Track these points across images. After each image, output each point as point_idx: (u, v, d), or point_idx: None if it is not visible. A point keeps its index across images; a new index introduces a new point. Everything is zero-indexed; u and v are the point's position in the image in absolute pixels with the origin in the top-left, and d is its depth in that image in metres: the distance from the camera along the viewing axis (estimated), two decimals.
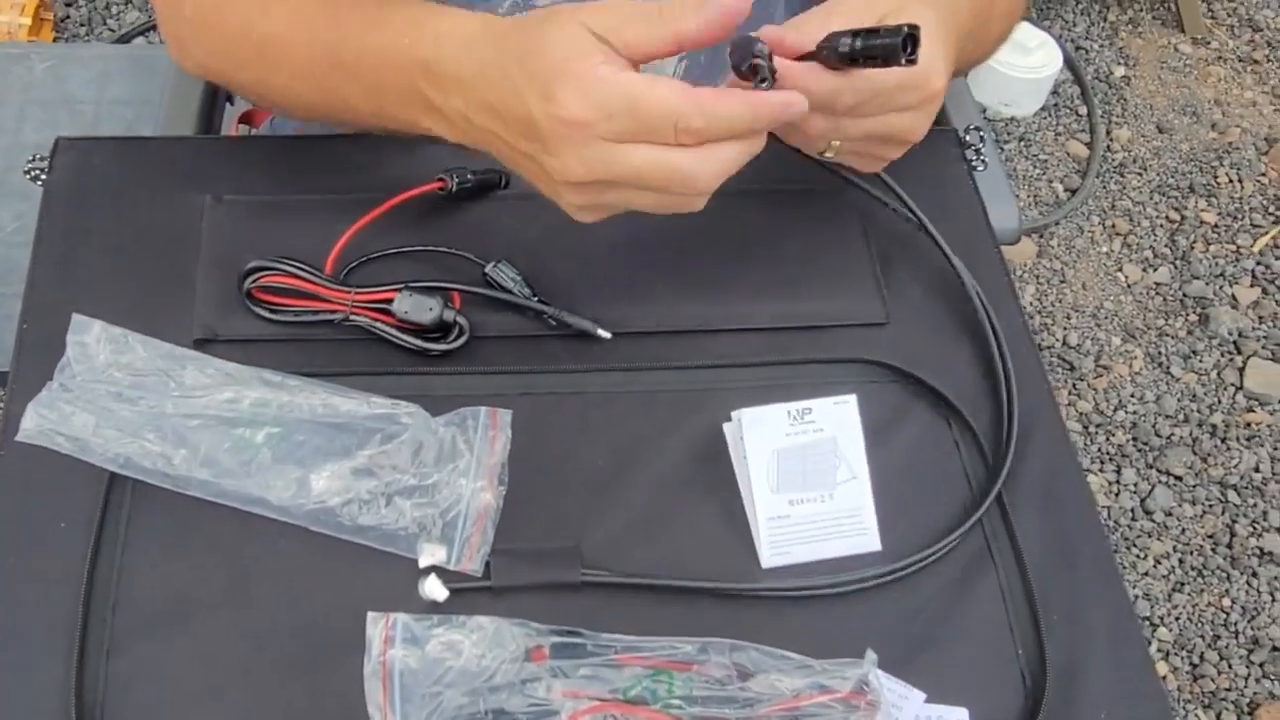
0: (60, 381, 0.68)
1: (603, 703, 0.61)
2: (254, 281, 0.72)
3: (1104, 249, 1.96)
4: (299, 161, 0.82)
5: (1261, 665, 1.53)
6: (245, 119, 1.07)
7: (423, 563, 0.65)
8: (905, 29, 0.59)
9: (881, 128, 0.67)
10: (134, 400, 0.67)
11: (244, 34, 0.74)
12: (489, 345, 0.74)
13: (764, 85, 0.61)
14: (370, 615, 0.62)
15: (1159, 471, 1.70)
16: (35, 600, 0.63)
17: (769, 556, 0.67)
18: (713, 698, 0.62)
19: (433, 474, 0.66)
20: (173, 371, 0.68)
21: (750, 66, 0.61)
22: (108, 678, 0.61)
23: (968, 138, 0.89)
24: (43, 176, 0.79)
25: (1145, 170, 2.06)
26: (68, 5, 2.03)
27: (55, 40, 1.96)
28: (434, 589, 0.65)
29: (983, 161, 0.89)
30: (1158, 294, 1.91)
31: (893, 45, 0.59)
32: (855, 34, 0.60)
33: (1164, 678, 1.52)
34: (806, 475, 0.68)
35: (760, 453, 0.68)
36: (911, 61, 0.59)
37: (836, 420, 0.69)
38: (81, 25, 2.00)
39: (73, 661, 0.60)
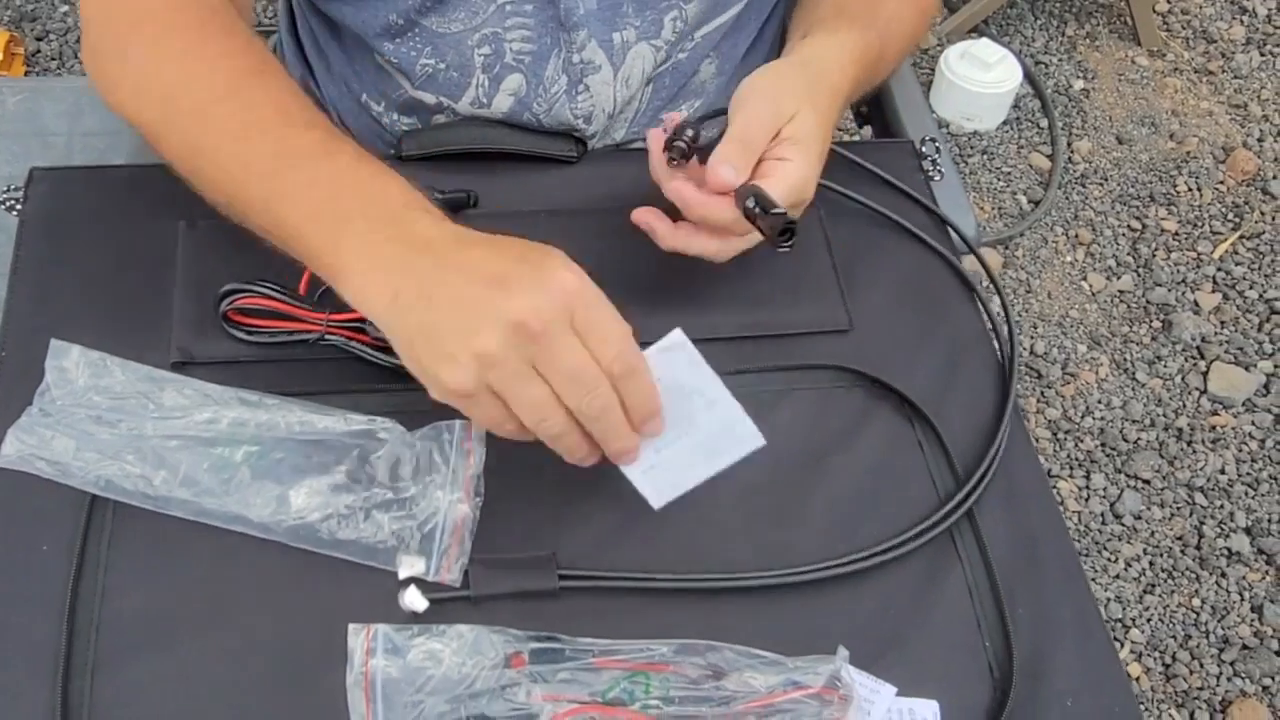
0: (40, 406, 0.69)
1: (582, 705, 0.62)
2: (230, 304, 0.73)
3: (1068, 259, 2.00)
4: None
5: (1232, 664, 1.55)
6: None
7: (402, 574, 0.67)
8: (784, 223, 0.67)
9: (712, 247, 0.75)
10: (113, 423, 0.68)
11: (176, 146, 0.71)
12: None
13: None
14: (351, 627, 0.64)
15: (1127, 476, 1.73)
16: (19, 623, 0.63)
17: (655, 497, 0.65)
18: (689, 697, 0.63)
19: (410, 487, 0.67)
20: (151, 394, 0.69)
21: None
22: (92, 697, 0.62)
23: (924, 149, 0.92)
24: (18, 207, 0.81)
25: (1106, 180, 2.10)
26: (38, 40, 2.04)
27: (26, 74, 1.97)
28: (413, 600, 0.66)
29: (939, 172, 0.91)
30: (1122, 301, 1.94)
31: (774, 225, 0.67)
32: (758, 200, 0.69)
33: (1137, 679, 1.54)
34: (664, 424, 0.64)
35: None
36: (784, 248, 0.68)
37: (670, 364, 0.64)
38: (52, 59, 2.01)
39: (58, 682, 0.61)
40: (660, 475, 0.66)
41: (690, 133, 0.73)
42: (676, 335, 0.64)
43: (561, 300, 0.57)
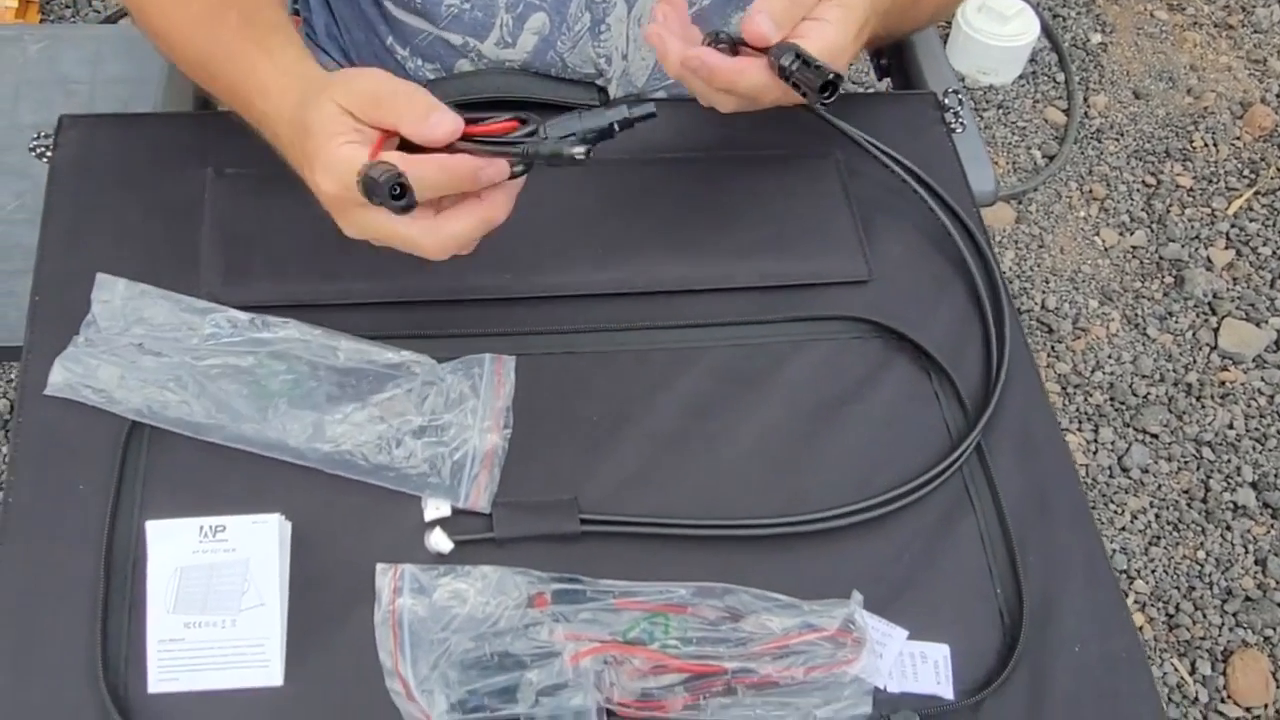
0: (86, 337, 0.71)
1: (603, 644, 0.64)
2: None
3: (1081, 214, 2.00)
4: None
5: (1235, 615, 1.57)
6: None
7: (428, 516, 0.68)
8: (831, 75, 0.66)
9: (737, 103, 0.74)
10: (156, 352, 0.70)
11: (146, 23, 0.80)
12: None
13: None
14: (379, 567, 0.66)
15: (1136, 430, 1.74)
16: (59, 561, 0.65)
17: (155, 681, 0.62)
18: (707, 638, 0.65)
19: (442, 417, 0.69)
20: (193, 324, 0.71)
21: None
22: (130, 634, 0.64)
23: (946, 100, 0.92)
24: (48, 154, 0.82)
25: (1122, 136, 2.09)
26: None
27: (42, 21, 1.96)
28: (439, 541, 0.68)
29: (961, 124, 0.91)
30: (1134, 257, 1.95)
31: (814, 83, 0.66)
32: (796, 55, 0.68)
33: (1140, 628, 1.56)
34: (209, 597, 0.64)
35: (163, 569, 0.64)
36: (825, 102, 0.67)
37: (253, 541, 0.65)
38: (67, 7, 2.01)
39: (98, 619, 0.63)
40: (173, 657, 0.63)
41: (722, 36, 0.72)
42: (275, 516, 0.66)
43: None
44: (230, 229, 0.78)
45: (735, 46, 0.72)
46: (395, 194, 0.59)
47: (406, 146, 0.63)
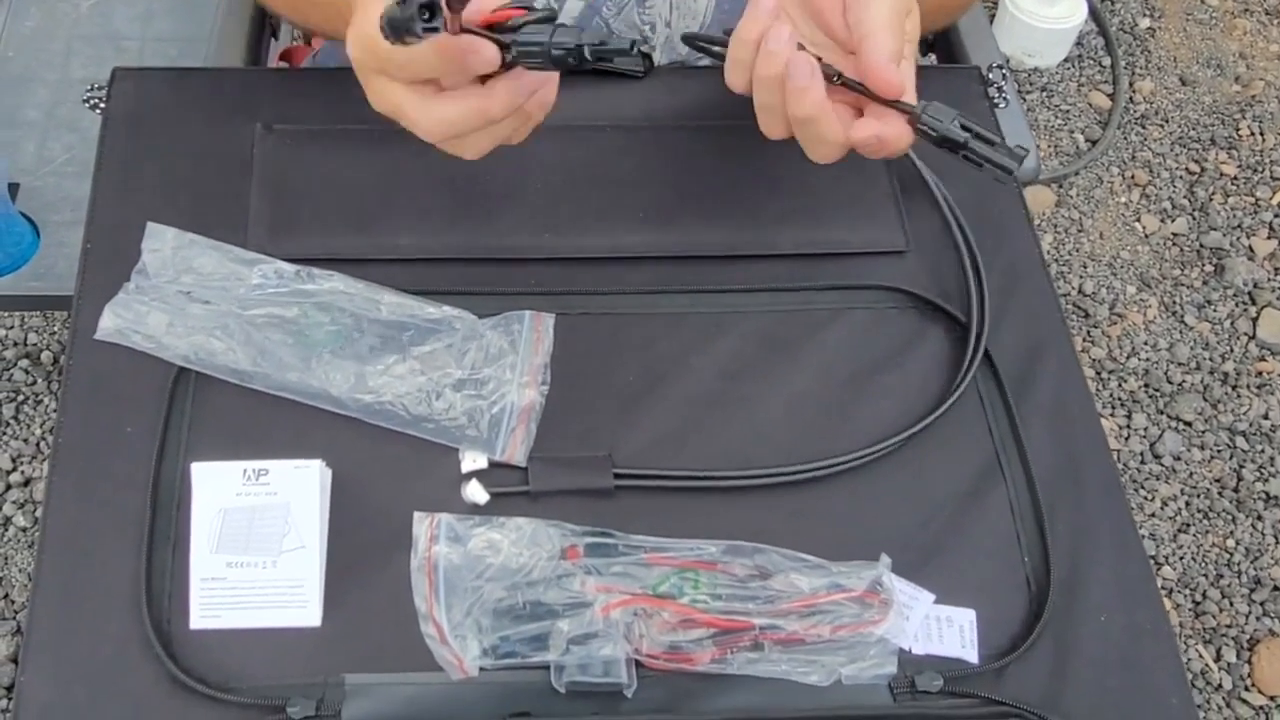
0: (136, 284, 0.73)
1: (634, 596, 0.65)
2: None
3: (1122, 199, 1.98)
4: (343, 93, 0.84)
5: (1262, 604, 1.57)
6: (285, 56, 1.10)
7: (465, 468, 0.70)
8: (1024, 152, 0.59)
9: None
10: (204, 301, 0.72)
11: None
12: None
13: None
14: (416, 515, 0.67)
15: (1169, 417, 1.73)
16: (106, 499, 0.67)
17: (197, 618, 0.64)
18: (736, 594, 0.66)
19: (481, 370, 0.70)
20: (240, 274, 0.73)
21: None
22: (173, 571, 0.65)
23: (990, 75, 0.92)
24: (101, 105, 0.83)
25: (1167, 122, 2.08)
26: None
27: None
28: (475, 493, 0.69)
29: (1004, 99, 0.91)
30: (1175, 244, 1.93)
31: (1003, 163, 0.60)
32: (965, 127, 0.60)
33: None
34: (250, 539, 0.65)
35: (207, 510, 0.66)
36: (1012, 178, 0.60)
37: (295, 485, 0.66)
38: None
39: (142, 556, 0.65)
40: (214, 594, 0.64)
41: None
42: (317, 462, 0.67)
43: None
44: (278, 183, 0.79)
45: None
46: (425, 18, 0.51)
47: None
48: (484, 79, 0.61)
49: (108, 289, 0.74)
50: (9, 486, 1.48)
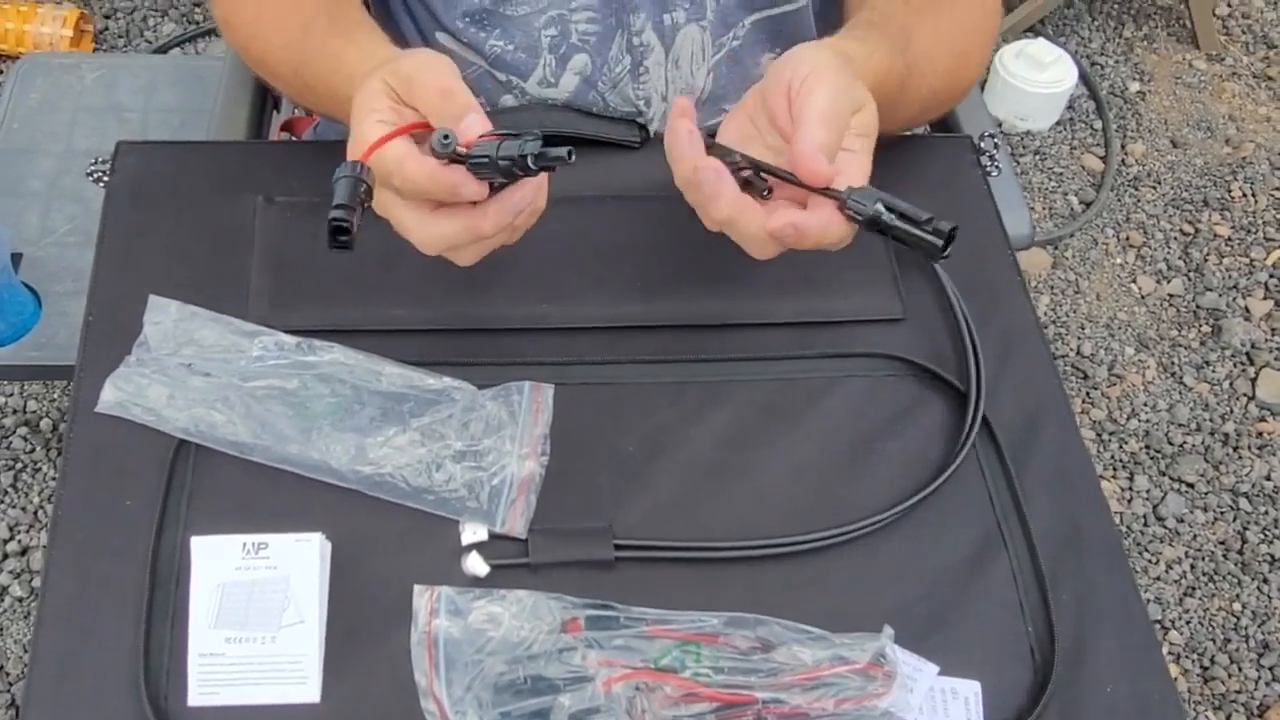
0: (137, 357, 0.73)
1: (636, 670, 0.65)
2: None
3: (1118, 261, 2.00)
4: None
5: (1271, 669, 1.55)
6: (287, 127, 1.12)
7: (465, 540, 0.70)
8: (949, 230, 0.59)
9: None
10: (205, 373, 0.72)
11: (245, 49, 0.87)
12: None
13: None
14: (416, 588, 0.67)
15: (1171, 479, 1.73)
16: (105, 573, 0.67)
17: (195, 694, 0.63)
18: (738, 668, 0.66)
19: (481, 442, 0.70)
20: (241, 346, 0.73)
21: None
22: (172, 647, 0.65)
23: (982, 144, 0.93)
24: (105, 179, 0.84)
25: (1159, 184, 2.10)
26: (106, 18, 2.09)
27: (95, 51, 2.02)
28: (475, 565, 0.69)
29: (996, 168, 0.92)
30: (1171, 305, 1.94)
31: (931, 245, 0.60)
32: (890, 208, 0.60)
33: (1175, 680, 1.55)
34: (250, 613, 0.65)
35: (206, 584, 0.66)
36: (945, 257, 0.60)
37: (295, 559, 0.66)
38: (120, 37, 2.06)
39: (141, 631, 0.65)
40: (212, 671, 0.64)
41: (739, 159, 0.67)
42: (317, 535, 0.67)
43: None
44: (279, 255, 0.80)
45: (740, 169, 0.66)
46: (337, 228, 0.60)
47: None
48: None
49: (109, 361, 0.74)
50: (6, 555, 1.48)
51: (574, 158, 0.61)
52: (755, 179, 0.67)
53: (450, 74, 0.67)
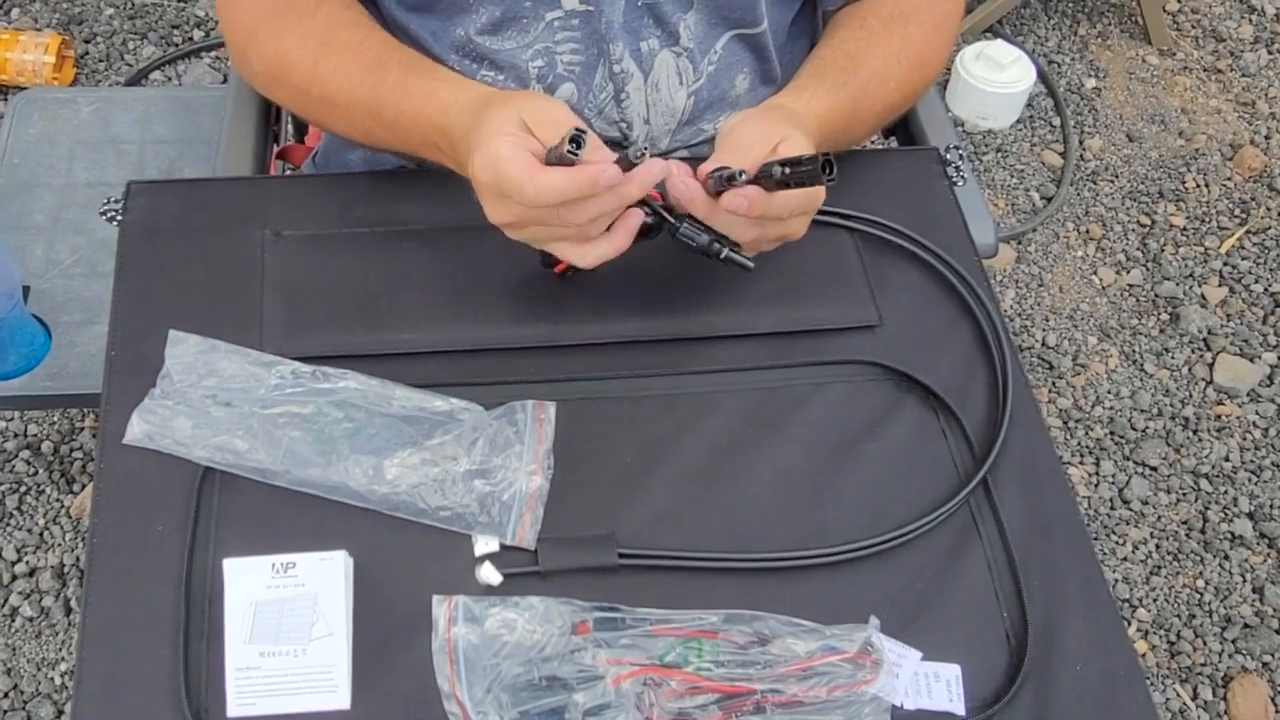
0: (161, 389, 0.77)
1: (642, 667, 0.70)
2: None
3: (1079, 253, 2.06)
4: (345, 199, 0.91)
5: (1234, 641, 1.62)
6: (282, 155, 1.16)
7: (478, 551, 0.74)
8: (822, 157, 0.72)
9: (784, 230, 0.81)
10: (226, 403, 0.76)
11: (305, 93, 0.89)
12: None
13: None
14: (435, 598, 0.71)
15: (1135, 463, 1.80)
16: (142, 596, 0.71)
17: (233, 706, 0.68)
18: (737, 660, 0.71)
19: (489, 460, 0.75)
20: (260, 376, 0.78)
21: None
22: (209, 663, 0.69)
23: (948, 156, 0.99)
24: (119, 217, 0.88)
25: (1117, 177, 2.16)
26: (86, 42, 2.11)
27: (76, 76, 2.04)
28: (489, 574, 0.73)
29: (962, 178, 0.98)
30: (1131, 295, 2.01)
31: (814, 171, 0.72)
32: (783, 164, 0.74)
33: (1143, 655, 1.61)
34: (281, 628, 0.69)
35: (239, 603, 0.70)
36: (831, 181, 0.72)
37: (321, 576, 0.71)
38: (100, 60, 2.09)
39: (180, 649, 0.69)
40: (249, 684, 0.68)
41: (723, 172, 0.78)
42: (340, 553, 0.72)
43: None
44: (289, 286, 0.84)
45: (723, 180, 0.78)
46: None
47: None
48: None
49: (133, 393, 0.78)
50: (15, 577, 1.51)
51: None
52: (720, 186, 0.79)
53: (576, 118, 0.76)
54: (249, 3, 0.91)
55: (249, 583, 0.70)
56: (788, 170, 0.74)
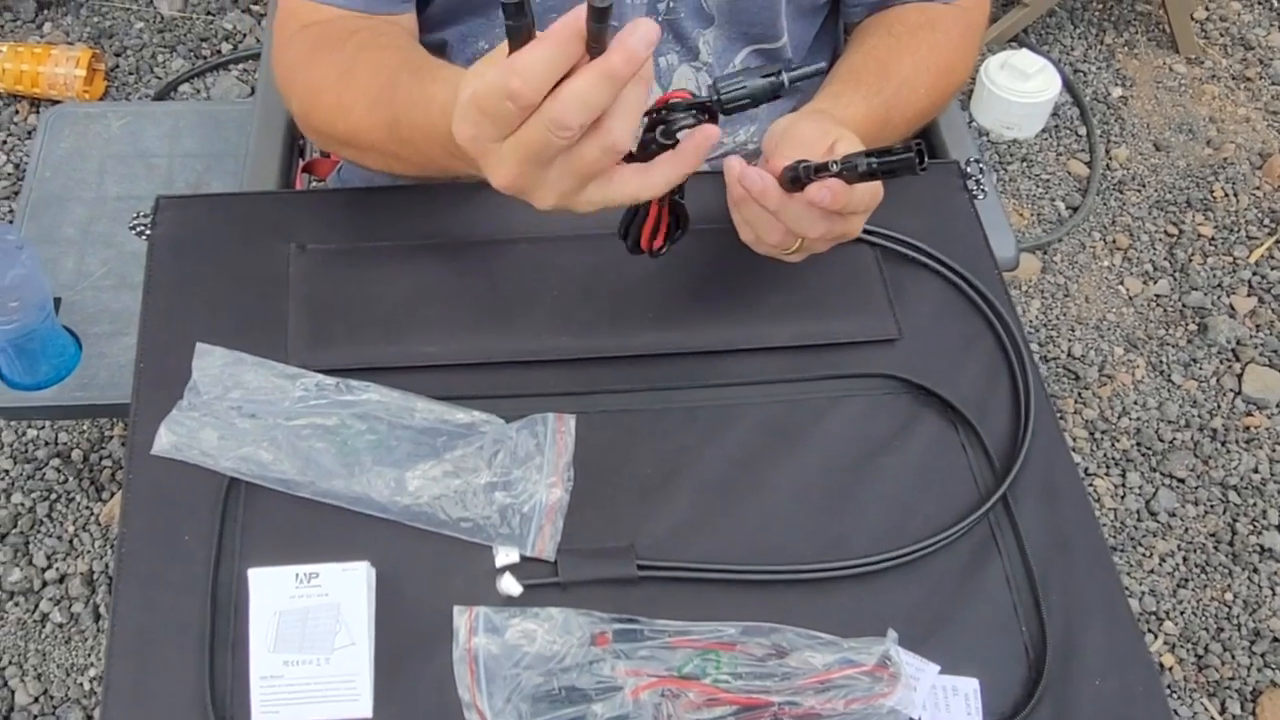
0: (188, 401, 0.79)
1: (661, 679, 0.70)
2: None
3: (1105, 263, 2.05)
4: (370, 213, 0.92)
5: (1263, 655, 1.61)
6: (308, 168, 1.17)
7: (499, 562, 0.75)
8: (915, 144, 0.68)
9: (846, 226, 0.79)
10: (252, 415, 0.77)
11: (333, 127, 0.88)
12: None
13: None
14: (455, 609, 0.72)
15: (1162, 475, 1.79)
16: (168, 605, 0.72)
17: (258, 714, 0.69)
18: (755, 673, 0.71)
19: (510, 472, 0.76)
20: (284, 388, 0.79)
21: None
22: (234, 671, 0.70)
23: (968, 169, 0.99)
24: (147, 232, 0.89)
25: (1144, 187, 2.15)
26: (116, 55, 2.14)
27: (106, 89, 2.07)
28: (509, 585, 0.74)
29: (982, 191, 0.98)
30: (1158, 305, 2.00)
31: (908, 160, 0.69)
32: (868, 154, 0.70)
33: (1170, 668, 1.60)
34: (305, 638, 0.70)
35: (264, 613, 0.71)
36: (924, 169, 0.69)
37: (344, 586, 0.72)
38: (130, 74, 2.12)
39: (205, 657, 0.70)
40: (273, 692, 0.69)
41: (805, 165, 0.75)
42: (363, 564, 0.73)
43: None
44: (313, 299, 0.86)
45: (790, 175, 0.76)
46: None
47: None
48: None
49: (161, 405, 0.79)
50: (45, 584, 1.53)
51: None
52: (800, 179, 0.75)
53: None
54: (291, 45, 0.91)
55: (273, 592, 0.71)
56: (875, 162, 0.70)
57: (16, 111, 2.02)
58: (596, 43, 0.58)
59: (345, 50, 0.87)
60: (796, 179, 0.75)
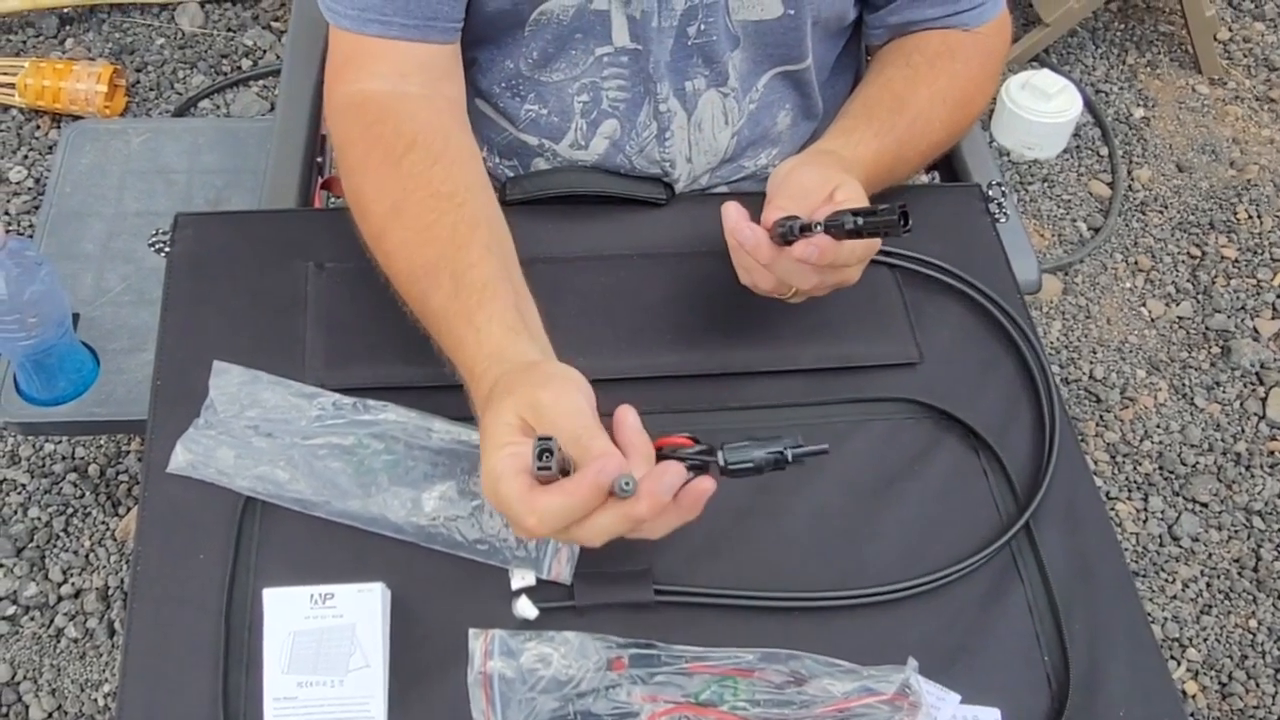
0: (205, 419, 0.78)
1: (677, 705, 0.69)
2: None
3: (1127, 285, 2.04)
4: None
5: None
6: (327, 186, 1.17)
7: (515, 585, 0.75)
8: (899, 207, 0.70)
9: (842, 276, 0.79)
10: (268, 434, 0.77)
11: (372, 246, 0.83)
12: None
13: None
14: (471, 631, 0.72)
15: (1185, 499, 1.77)
16: (183, 623, 0.72)
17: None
18: (773, 700, 0.70)
19: None
20: (301, 407, 0.78)
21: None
22: (248, 692, 0.70)
23: (990, 192, 0.98)
24: (166, 249, 0.90)
25: (1166, 208, 2.14)
26: (137, 71, 2.15)
27: (127, 105, 2.08)
28: (525, 608, 0.73)
29: (1004, 214, 0.97)
30: (1181, 327, 1.98)
31: (892, 222, 0.70)
32: (855, 213, 0.72)
33: (1193, 696, 1.58)
34: (319, 659, 0.70)
35: (278, 633, 0.70)
36: (907, 231, 0.70)
37: (359, 607, 0.71)
38: (151, 89, 2.13)
39: (219, 675, 0.70)
40: (287, 713, 0.69)
41: (793, 223, 0.76)
42: (378, 585, 0.72)
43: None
44: (331, 318, 0.85)
45: (778, 232, 0.77)
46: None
47: None
48: None
49: (177, 423, 0.79)
50: (60, 599, 1.53)
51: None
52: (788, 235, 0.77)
53: (584, 410, 0.67)
54: (345, 118, 0.87)
55: (288, 613, 0.71)
56: (861, 221, 0.72)
57: (38, 127, 2.03)
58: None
59: (399, 171, 0.81)
60: (785, 236, 0.76)
